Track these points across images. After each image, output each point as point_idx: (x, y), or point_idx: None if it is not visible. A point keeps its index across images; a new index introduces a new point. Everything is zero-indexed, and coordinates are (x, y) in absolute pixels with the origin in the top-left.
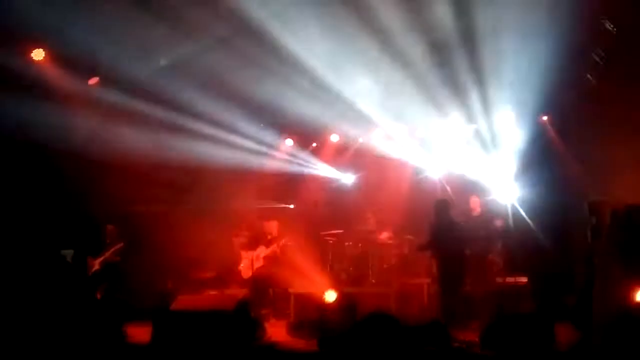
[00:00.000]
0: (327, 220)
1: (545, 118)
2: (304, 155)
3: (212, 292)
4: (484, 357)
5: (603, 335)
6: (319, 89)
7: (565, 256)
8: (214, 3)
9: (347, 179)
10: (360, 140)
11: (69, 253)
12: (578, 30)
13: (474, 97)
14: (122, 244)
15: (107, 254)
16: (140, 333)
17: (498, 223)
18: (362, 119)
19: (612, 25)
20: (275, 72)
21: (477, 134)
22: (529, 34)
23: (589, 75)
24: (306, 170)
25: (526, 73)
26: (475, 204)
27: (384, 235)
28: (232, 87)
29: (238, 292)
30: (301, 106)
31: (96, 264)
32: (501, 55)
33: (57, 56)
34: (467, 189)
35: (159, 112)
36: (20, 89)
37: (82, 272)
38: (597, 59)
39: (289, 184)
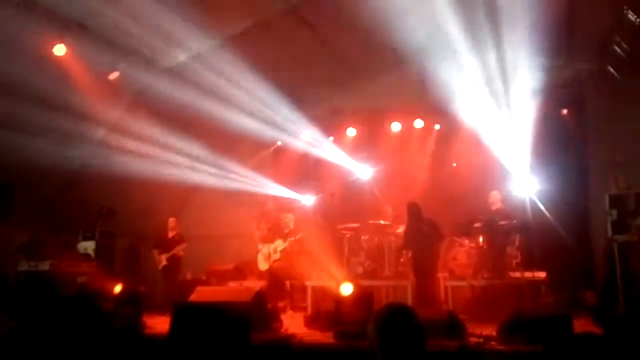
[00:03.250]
0: (343, 213)
1: (565, 111)
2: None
3: (231, 284)
4: (501, 352)
5: None
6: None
7: (584, 251)
8: None
9: (365, 171)
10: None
11: (89, 245)
12: (600, 22)
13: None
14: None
15: (175, 250)
16: (159, 324)
17: (517, 217)
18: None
19: (634, 16)
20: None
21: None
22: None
23: (610, 68)
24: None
25: (547, 65)
26: (494, 197)
27: (401, 229)
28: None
29: (255, 285)
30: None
31: (163, 260)
32: (521, 47)
33: (78, 51)
34: (487, 183)
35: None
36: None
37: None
38: (619, 50)
39: (307, 174)
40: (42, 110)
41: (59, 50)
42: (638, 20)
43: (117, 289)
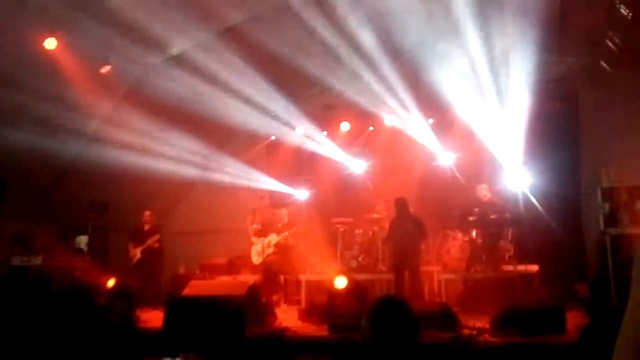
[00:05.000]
0: (337, 208)
1: (558, 105)
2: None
3: (224, 278)
4: (494, 344)
5: None
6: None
7: (577, 244)
8: None
9: (358, 166)
10: (371, 128)
11: (82, 240)
12: (592, 16)
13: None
14: (159, 234)
15: (149, 242)
16: (153, 318)
17: (509, 210)
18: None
19: (627, 10)
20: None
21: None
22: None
23: (602, 62)
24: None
25: (539, 59)
26: (483, 190)
27: None
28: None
29: (249, 279)
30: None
31: (138, 253)
32: (513, 41)
33: (70, 45)
34: (479, 176)
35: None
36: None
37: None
38: (612, 45)
39: (301, 169)
40: (34, 104)
41: (50, 43)
42: (630, 14)
43: (111, 283)
